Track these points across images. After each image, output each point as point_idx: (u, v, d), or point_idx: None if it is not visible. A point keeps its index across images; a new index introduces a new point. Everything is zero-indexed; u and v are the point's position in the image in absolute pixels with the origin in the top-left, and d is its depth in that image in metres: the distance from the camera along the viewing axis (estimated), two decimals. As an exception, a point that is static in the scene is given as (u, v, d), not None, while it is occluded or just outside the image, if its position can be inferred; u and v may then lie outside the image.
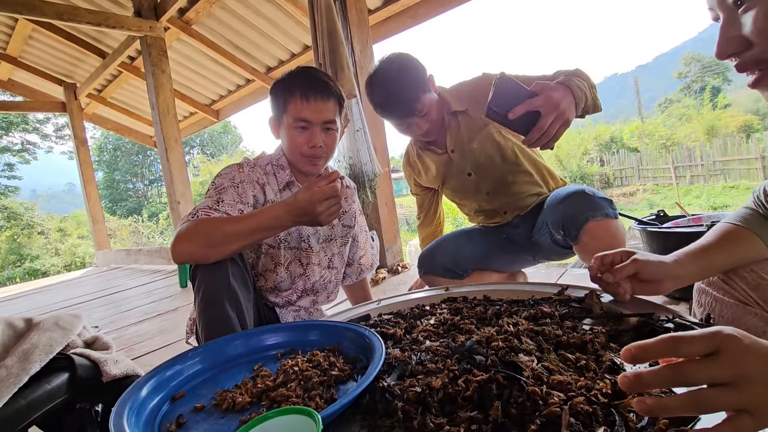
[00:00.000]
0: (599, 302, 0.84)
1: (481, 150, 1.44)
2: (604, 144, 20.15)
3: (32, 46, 5.05)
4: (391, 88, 1.34)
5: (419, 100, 1.34)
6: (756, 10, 0.51)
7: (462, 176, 1.51)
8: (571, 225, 1.22)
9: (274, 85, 1.22)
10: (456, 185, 1.56)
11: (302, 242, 1.28)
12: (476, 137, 1.44)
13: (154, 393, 0.73)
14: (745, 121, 18.96)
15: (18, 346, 0.89)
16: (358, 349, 0.80)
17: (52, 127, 17.65)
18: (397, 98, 1.34)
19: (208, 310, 0.98)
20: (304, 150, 1.18)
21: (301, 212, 0.98)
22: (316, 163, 1.22)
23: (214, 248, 0.99)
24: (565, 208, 1.24)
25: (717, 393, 0.38)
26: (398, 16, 3.23)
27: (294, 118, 1.16)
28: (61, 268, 15.28)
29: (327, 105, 1.17)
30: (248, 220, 1.01)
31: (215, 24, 4.04)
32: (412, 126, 1.42)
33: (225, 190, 1.13)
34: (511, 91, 1.00)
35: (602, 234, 1.18)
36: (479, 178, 1.49)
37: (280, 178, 1.25)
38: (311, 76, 1.18)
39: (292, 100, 1.15)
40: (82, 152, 6.01)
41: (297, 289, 1.30)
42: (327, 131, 1.19)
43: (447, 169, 1.53)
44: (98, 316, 2.90)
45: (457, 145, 1.47)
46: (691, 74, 35.64)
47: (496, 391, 0.57)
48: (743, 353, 0.38)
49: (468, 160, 1.47)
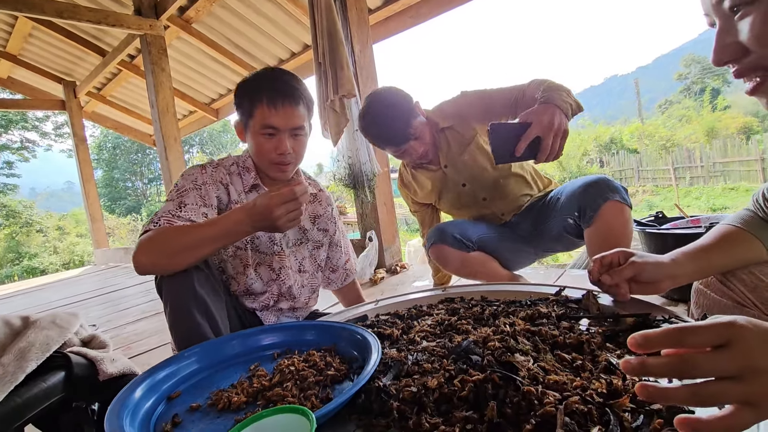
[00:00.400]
0: (596, 303, 0.85)
1: (472, 161, 1.54)
2: (603, 145, 20.16)
3: (32, 44, 5.05)
4: (383, 122, 1.45)
5: (410, 126, 1.45)
6: (753, 16, 0.50)
7: (457, 188, 1.60)
8: (589, 206, 1.28)
9: (238, 87, 1.17)
10: (453, 198, 1.64)
11: (274, 246, 1.25)
12: (466, 150, 1.54)
13: (150, 392, 0.73)
14: (745, 122, 18.98)
15: (15, 344, 0.89)
16: (355, 349, 0.80)
17: (52, 125, 17.64)
18: (391, 129, 1.45)
19: (178, 321, 0.97)
20: (272, 157, 1.15)
21: (259, 218, 0.95)
22: (285, 170, 1.19)
23: (176, 258, 0.97)
24: (587, 189, 1.31)
25: (722, 387, 0.37)
26: (398, 16, 3.22)
27: (261, 125, 1.12)
28: (60, 267, 15.28)
29: (295, 111, 1.14)
30: (209, 228, 0.98)
31: (215, 23, 4.03)
32: (408, 150, 1.50)
33: (187, 193, 1.11)
34: (505, 133, 1.13)
35: (617, 214, 1.25)
36: (474, 188, 1.59)
37: (246, 180, 1.22)
38: (278, 80, 1.14)
39: (259, 106, 1.11)
40: (81, 150, 6.01)
41: (273, 293, 1.26)
42: (295, 137, 1.17)
43: (443, 183, 1.62)
44: (96, 314, 2.90)
45: (449, 159, 1.57)
46: (692, 76, 35.70)
47: (491, 391, 0.57)
48: (756, 345, 0.37)
49: (461, 172, 1.57)
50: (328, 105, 2.45)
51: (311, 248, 1.34)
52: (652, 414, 0.48)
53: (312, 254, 1.34)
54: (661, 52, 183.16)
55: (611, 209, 1.26)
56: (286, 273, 1.27)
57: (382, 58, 41.81)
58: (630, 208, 1.29)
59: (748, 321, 0.38)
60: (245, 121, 1.17)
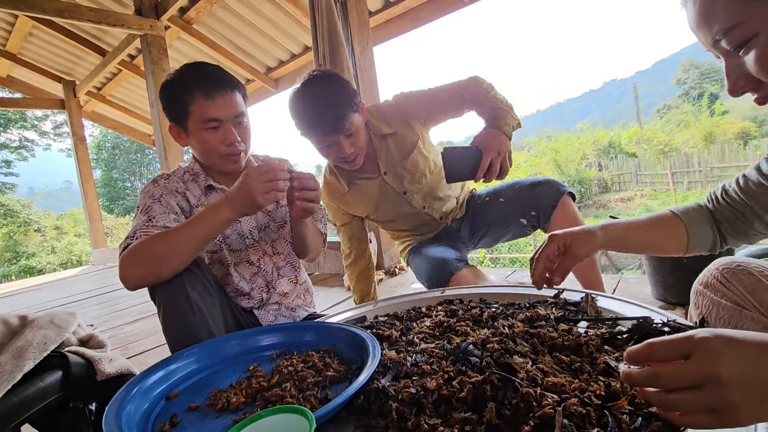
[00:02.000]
0: (594, 306, 0.85)
1: (413, 167, 1.48)
2: (602, 149, 20.20)
3: (32, 43, 5.04)
4: (318, 102, 1.27)
5: (347, 118, 1.28)
6: (755, 51, 0.51)
7: (396, 197, 1.51)
8: (545, 207, 1.38)
9: (163, 88, 1.12)
10: (390, 209, 1.54)
11: (245, 239, 1.24)
12: (409, 156, 1.47)
13: (148, 392, 0.73)
14: (742, 128, 19.04)
15: (12, 344, 0.89)
16: (354, 350, 0.80)
17: (51, 124, 17.57)
18: (325, 114, 1.27)
19: (171, 324, 0.97)
20: (221, 150, 1.12)
21: (238, 196, 0.95)
22: (237, 160, 1.16)
23: (162, 265, 0.96)
24: (534, 190, 1.41)
25: (684, 395, 0.40)
26: (399, 19, 3.23)
27: (202, 120, 1.09)
28: (57, 266, 15.21)
29: (233, 98, 1.10)
30: (190, 226, 0.98)
31: (216, 23, 4.04)
32: (333, 147, 1.34)
33: (150, 207, 1.09)
34: (459, 157, 1.23)
35: (570, 204, 1.38)
36: (413, 196, 1.52)
37: (199, 184, 1.21)
38: (205, 70, 1.10)
39: (194, 101, 1.07)
40: (80, 150, 6.00)
41: (260, 286, 1.25)
42: (239, 125, 1.13)
43: (381, 192, 1.51)
44: (94, 314, 2.89)
45: (389, 166, 1.48)
46: (690, 81, 35.81)
47: (490, 392, 0.57)
48: (714, 357, 0.39)
49: (401, 179, 1.49)
50: (328, 106, 2.45)
51: (277, 227, 1.30)
52: (651, 417, 0.48)
53: (280, 234, 1.31)
54: (660, 57, 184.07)
55: (565, 202, 1.37)
56: (264, 261, 1.26)
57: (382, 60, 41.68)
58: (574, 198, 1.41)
59: (711, 333, 0.40)
60: (181, 122, 1.12)
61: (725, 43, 0.53)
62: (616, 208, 16.38)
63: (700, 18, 0.55)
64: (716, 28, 0.53)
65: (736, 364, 0.38)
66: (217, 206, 0.98)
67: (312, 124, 1.30)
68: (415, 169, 1.47)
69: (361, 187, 1.52)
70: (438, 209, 1.56)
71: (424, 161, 1.49)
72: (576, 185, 17.41)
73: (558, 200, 1.36)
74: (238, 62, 4.46)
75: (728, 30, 0.52)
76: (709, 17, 0.53)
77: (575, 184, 17.41)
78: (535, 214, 1.40)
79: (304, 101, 1.29)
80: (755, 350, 0.39)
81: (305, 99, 1.29)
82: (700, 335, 0.40)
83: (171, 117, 1.14)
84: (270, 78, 4.64)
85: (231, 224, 1.11)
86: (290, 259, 1.33)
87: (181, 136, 1.16)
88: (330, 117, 1.27)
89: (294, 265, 1.34)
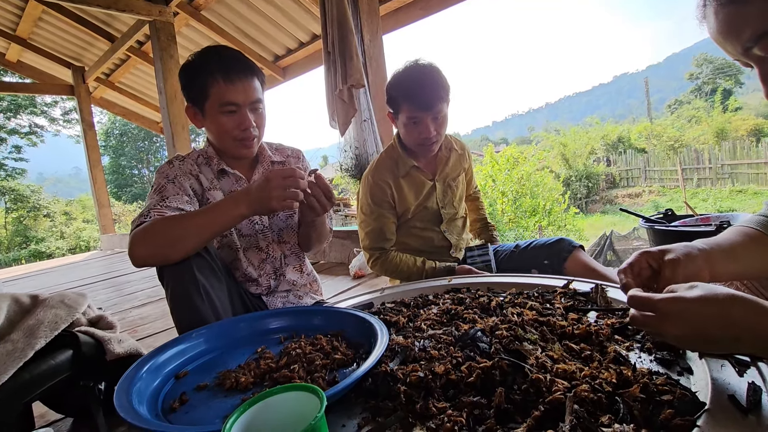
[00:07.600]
0: (604, 296, 0.84)
1: (456, 189, 1.61)
2: (611, 144, 19.97)
3: (42, 28, 5.05)
4: (429, 74, 1.39)
5: (443, 101, 1.39)
6: None
7: (434, 206, 1.59)
8: (558, 256, 1.47)
9: (184, 69, 1.13)
10: (425, 213, 1.59)
11: (255, 225, 1.26)
12: (458, 177, 1.62)
13: (158, 371, 0.73)
14: (756, 124, 18.73)
15: (24, 322, 0.90)
16: (361, 335, 0.80)
17: (60, 110, 17.66)
18: (429, 85, 1.37)
19: (178, 307, 0.98)
20: (236, 134, 1.13)
21: (256, 192, 0.96)
22: (250, 146, 1.17)
23: (173, 248, 0.97)
24: (552, 247, 1.50)
25: (645, 322, 0.55)
26: (408, 7, 3.19)
27: (220, 103, 1.10)
28: (66, 251, 15.41)
29: (252, 84, 1.12)
30: (205, 214, 0.99)
31: (224, 10, 4.01)
32: (420, 124, 1.40)
33: (164, 187, 1.10)
34: None
35: (581, 258, 1.46)
36: (443, 212, 1.59)
37: (212, 167, 1.22)
38: (228, 55, 1.12)
39: (214, 83, 1.08)
40: (89, 136, 6.03)
41: (268, 273, 1.27)
42: (255, 111, 1.15)
43: (428, 194, 1.57)
44: (102, 298, 2.92)
45: (442, 177, 1.58)
46: (703, 76, 35.15)
47: (499, 377, 0.57)
48: (667, 318, 0.52)
49: (444, 193, 1.59)
50: (336, 95, 2.44)
51: (286, 217, 1.31)
52: (663, 404, 0.48)
53: (288, 224, 1.32)
54: (673, 50, 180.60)
55: (576, 256, 1.45)
56: (273, 248, 1.28)
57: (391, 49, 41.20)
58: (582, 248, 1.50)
59: (673, 300, 0.51)
60: (200, 104, 1.13)
61: (758, 49, 0.52)
62: (624, 204, 16.23)
63: (726, 28, 0.54)
64: (747, 35, 0.52)
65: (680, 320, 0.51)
66: (237, 200, 0.98)
67: (416, 89, 1.38)
68: (456, 191, 1.61)
69: (415, 179, 1.56)
70: (454, 236, 1.63)
71: (461, 190, 1.65)
72: (583, 180, 17.25)
73: (571, 252, 1.46)
74: (246, 50, 4.44)
75: (761, 36, 0.51)
76: (737, 26, 0.53)
77: (583, 179, 17.26)
78: (548, 263, 1.49)
79: (417, 69, 1.41)
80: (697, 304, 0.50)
81: (418, 68, 1.41)
82: (664, 302, 0.52)
83: (189, 98, 1.16)
84: (278, 66, 4.61)
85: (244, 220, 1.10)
86: (296, 249, 1.35)
87: (198, 117, 1.17)
88: (433, 91, 1.37)
89: (299, 255, 1.36)
